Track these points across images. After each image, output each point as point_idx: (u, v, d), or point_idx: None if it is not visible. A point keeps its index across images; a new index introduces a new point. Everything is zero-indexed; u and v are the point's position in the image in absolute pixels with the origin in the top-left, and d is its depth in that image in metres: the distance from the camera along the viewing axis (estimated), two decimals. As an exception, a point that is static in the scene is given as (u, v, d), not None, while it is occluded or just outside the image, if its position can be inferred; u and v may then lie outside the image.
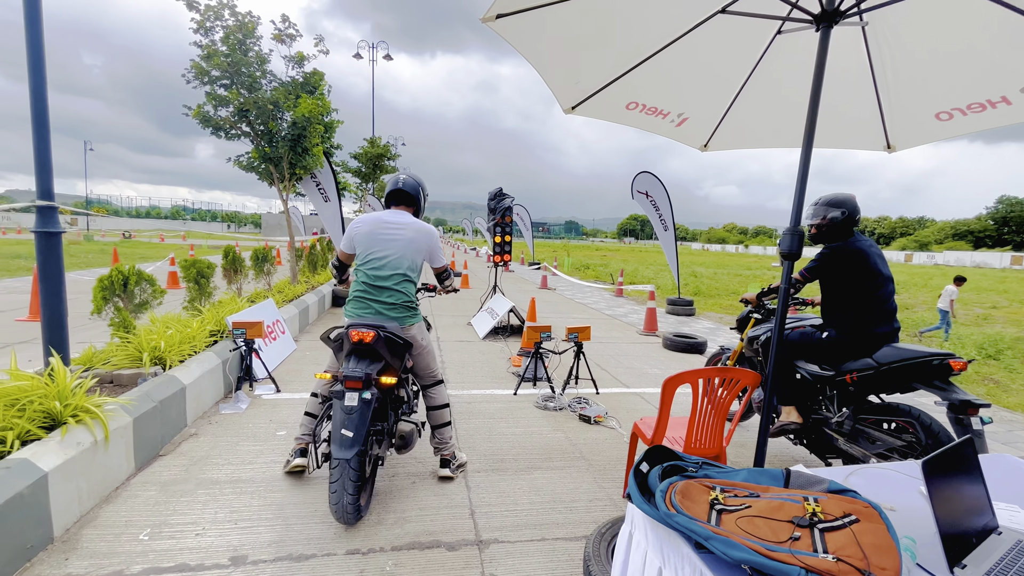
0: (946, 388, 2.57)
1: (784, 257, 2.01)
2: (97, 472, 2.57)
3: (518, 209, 22.18)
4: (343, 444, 2.27)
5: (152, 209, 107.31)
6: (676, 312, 10.30)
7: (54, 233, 2.94)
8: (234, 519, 2.49)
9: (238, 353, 4.35)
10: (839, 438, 2.94)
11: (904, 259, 56.25)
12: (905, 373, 2.68)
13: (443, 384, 3.08)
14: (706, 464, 1.48)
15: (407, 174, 3.01)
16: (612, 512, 2.72)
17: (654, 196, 10.16)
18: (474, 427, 3.82)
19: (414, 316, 2.83)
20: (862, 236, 2.94)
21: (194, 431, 3.50)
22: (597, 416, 4.04)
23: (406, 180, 2.96)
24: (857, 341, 2.87)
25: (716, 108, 3.12)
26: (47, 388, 2.52)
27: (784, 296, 2.02)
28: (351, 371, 2.41)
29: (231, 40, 7.64)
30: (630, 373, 5.63)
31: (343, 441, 2.28)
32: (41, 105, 2.90)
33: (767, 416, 2.11)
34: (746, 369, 2.33)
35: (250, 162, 8.58)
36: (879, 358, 2.78)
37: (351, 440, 2.28)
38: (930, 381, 2.63)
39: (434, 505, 2.70)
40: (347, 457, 2.25)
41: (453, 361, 5.73)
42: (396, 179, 2.98)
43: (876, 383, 2.80)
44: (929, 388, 2.62)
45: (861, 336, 2.86)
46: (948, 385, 2.59)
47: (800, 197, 2.02)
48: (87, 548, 2.22)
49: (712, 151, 3.48)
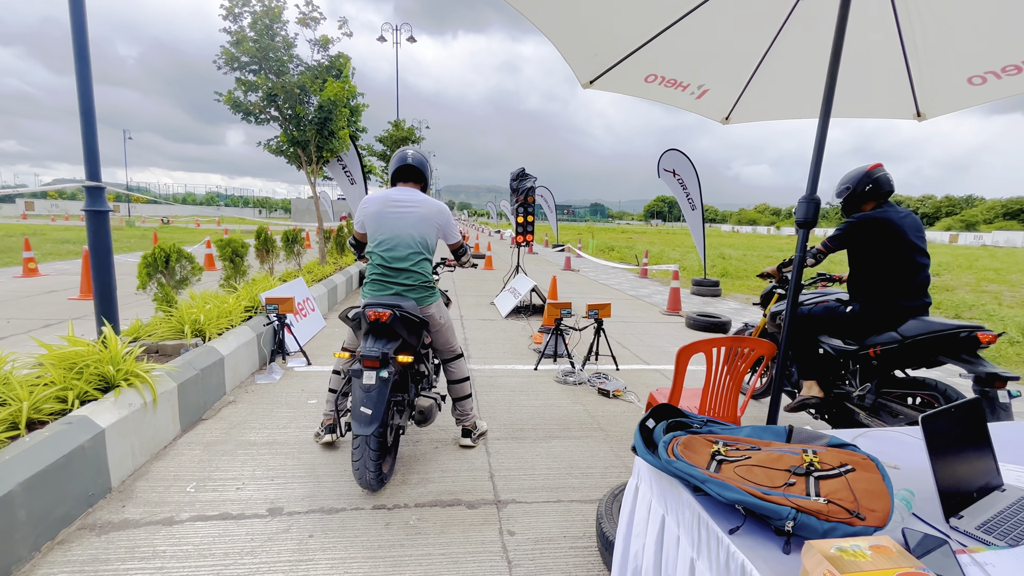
0: (973, 361, 2.52)
1: (799, 226, 2.01)
2: (147, 431, 2.79)
3: (542, 191, 22.06)
4: (362, 421, 2.34)
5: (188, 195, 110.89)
6: (701, 293, 10.18)
7: (102, 212, 3.15)
8: (271, 476, 2.67)
9: (271, 328, 4.57)
10: (860, 412, 2.92)
11: (949, 240, 53.54)
12: (931, 346, 2.62)
13: (463, 358, 3.12)
14: (711, 422, 1.54)
15: (413, 150, 2.96)
16: (625, 478, 2.80)
17: (682, 175, 9.98)
18: (495, 399, 3.94)
19: (432, 295, 2.84)
20: (894, 206, 2.85)
21: (232, 399, 3.72)
22: (616, 390, 4.11)
23: (414, 155, 2.92)
24: (882, 314, 2.82)
25: (737, 79, 3.07)
26: (101, 354, 2.74)
27: (799, 265, 2.03)
28: (368, 350, 2.44)
29: (258, 25, 7.81)
30: (651, 351, 5.65)
31: (362, 418, 2.34)
32: (87, 93, 3.08)
33: (780, 377, 2.13)
34: (762, 339, 2.35)
35: (279, 146, 8.81)
36: (904, 331, 2.73)
37: (369, 417, 2.34)
38: (957, 355, 2.57)
39: (455, 468, 2.83)
40: (366, 433, 2.32)
41: (476, 338, 5.86)
42: (403, 155, 2.92)
43: (901, 357, 2.75)
44: (956, 361, 2.57)
45: (887, 309, 2.80)
46: (975, 358, 2.53)
47: (816, 165, 2.01)
48: (140, 498, 2.44)
49: (734, 123, 3.43)
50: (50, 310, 6.67)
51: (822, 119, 2.01)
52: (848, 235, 2.86)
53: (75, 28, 3.01)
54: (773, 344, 2.37)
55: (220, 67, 7.81)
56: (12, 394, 2.34)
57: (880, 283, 2.84)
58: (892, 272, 2.79)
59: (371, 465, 2.41)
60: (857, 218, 2.84)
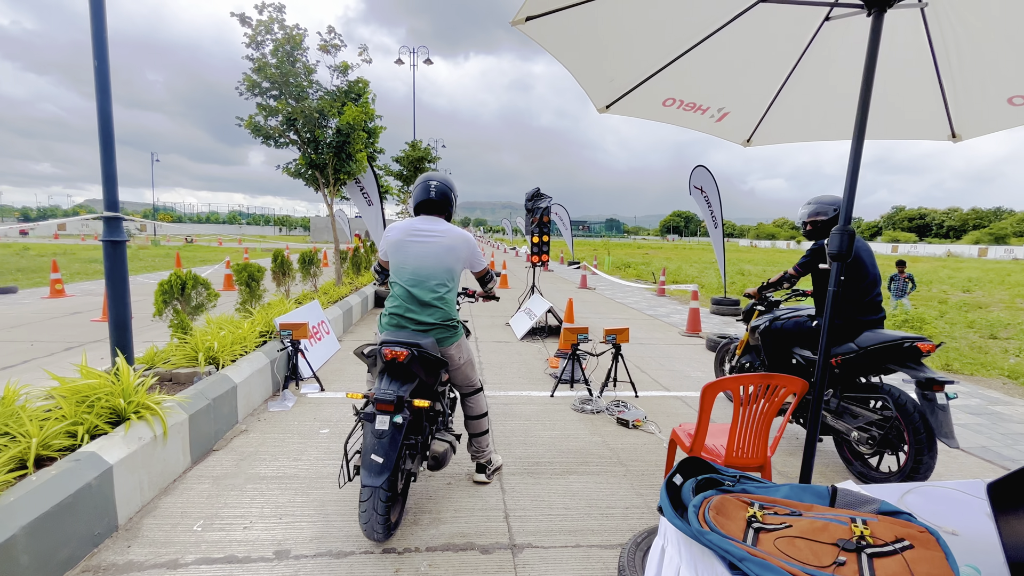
0: (916, 368, 2.89)
1: (833, 258, 1.89)
2: (157, 465, 2.74)
3: (556, 208, 22.06)
4: (373, 470, 2.16)
5: (211, 214, 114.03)
6: (721, 312, 9.95)
7: (119, 242, 3.16)
8: (279, 513, 2.59)
9: (285, 353, 4.55)
10: (827, 415, 3.28)
11: (977, 254, 51.90)
12: (881, 355, 3.00)
13: (482, 392, 2.99)
14: (744, 478, 1.42)
15: (437, 179, 2.79)
16: (649, 520, 2.65)
17: (708, 192, 9.86)
18: (510, 429, 3.83)
19: (454, 335, 2.69)
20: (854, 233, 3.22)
21: (244, 427, 3.68)
22: (635, 420, 3.96)
23: (437, 187, 2.75)
24: (843, 328, 3.15)
25: (759, 101, 2.98)
26: (113, 386, 2.71)
27: (833, 301, 1.90)
28: (383, 393, 2.27)
29: (280, 53, 8.00)
30: (671, 376, 5.48)
31: (373, 467, 2.17)
32: (107, 121, 3.12)
33: (814, 428, 1.99)
34: (793, 376, 2.21)
35: (297, 168, 8.95)
36: (860, 342, 3.08)
37: (380, 467, 2.16)
38: (903, 362, 2.95)
39: (469, 507, 2.72)
40: (376, 485, 2.14)
41: (491, 362, 5.76)
42: (426, 186, 2.75)
43: (859, 365, 3.12)
44: (902, 368, 2.94)
45: (847, 323, 3.14)
46: (919, 365, 2.92)
47: (851, 193, 1.89)
48: (146, 537, 2.38)
49: (756, 146, 3.33)
50: (73, 332, 6.78)
51: (855, 144, 1.91)
52: (814, 260, 3.28)
53: (97, 59, 3.07)
54: (804, 381, 2.23)
55: (242, 93, 8.01)
56: (22, 429, 2.31)
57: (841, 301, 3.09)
58: (852, 292, 3.14)
59: (379, 517, 2.22)
60: (820, 245, 3.24)
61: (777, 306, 4.03)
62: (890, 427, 2.91)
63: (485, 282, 3.10)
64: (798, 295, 4.10)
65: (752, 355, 4.20)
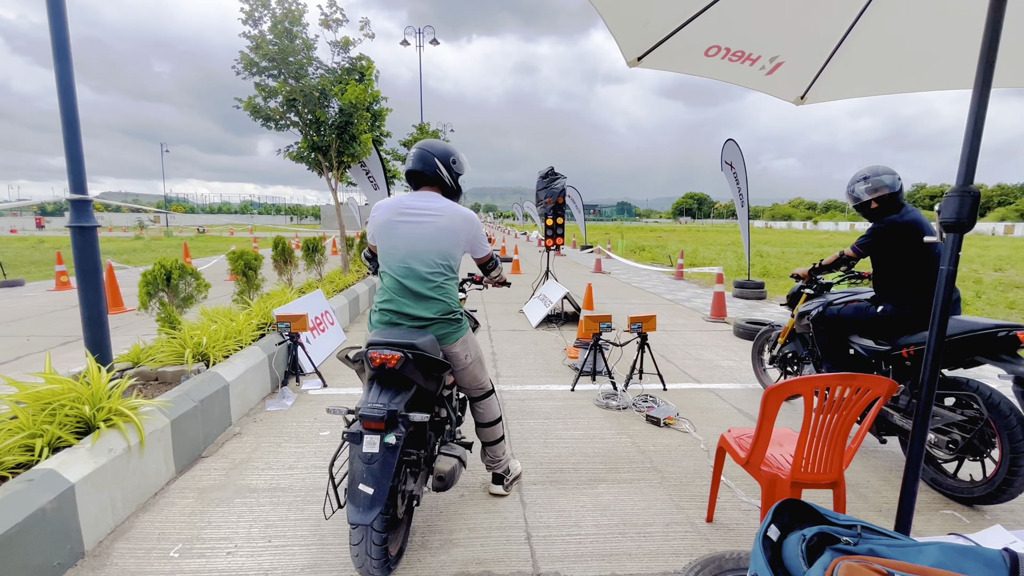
0: (1012, 361, 2.43)
1: (949, 228, 1.46)
2: (132, 479, 2.43)
3: (570, 191, 21.49)
4: (361, 504, 1.73)
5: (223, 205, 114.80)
6: (745, 295, 9.46)
7: (88, 228, 2.83)
8: (268, 535, 2.27)
9: (284, 347, 4.23)
10: (894, 414, 2.90)
11: (1004, 231, 50.16)
12: (968, 346, 2.56)
13: (494, 395, 2.59)
14: (867, 530, 1.03)
15: (426, 144, 2.33)
16: (693, 540, 2.28)
17: (737, 168, 9.28)
18: (529, 429, 3.47)
19: (458, 330, 2.29)
20: (911, 208, 2.89)
21: (238, 430, 3.37)
22: (667, 418, 3.57)
23: (420, 153, 2.30)
24: (915, 314, 2.81)
25: (821, 48, 2.52)
26: (79, 392, 2.39)
27: (948, 281, 1.48)
28: (371, 408, 1.85)
29: (278, 28, 7.57)
30: (699, 365, 5.07)
31: (361, 500, 1.73)
32: (69, 99, 2.76)
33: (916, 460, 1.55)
34: (879, 377, 1.80)
35: (299, 152, 8.58)
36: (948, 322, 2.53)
37: (371, 500, 1.73)
38: (995, 355, 2.50)
39: (485, 525, 2.37)
40: (365, 523, 1.71)
41: (505, 353, 5.40)
42: (412, 153, 2.32)
43: None
44: (994, 362, 2.49)
45: (919, 309, 2.80)
46: (1015, 358, 2.45)
47: (974, 145, 1.46)
48: (116, 566, 2.07)
49: (810, 104, 2.87)
50: (73, 326, 6.56)
51: (981, 85, 1.46)
52: (878, 240, 2.89)
53: (54, 29, 2.70)
54: (893, 382, 1.82)
55: (239, 72, 7.62)
56: (-31, 444, 2.00)
57: (910, 284, 2.84)
58: (923, 272, 2.79)
59: (375, 551, 1.84)
60: (885, 223, 2.86)
61: (828, 289, 3.59)
62: (976, 430, 2.49)
63: (488, 270, 2.69)
64: (853, 278, 3.63)
65: (796, 343, 3.78)
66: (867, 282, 3.72)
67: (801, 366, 3.77)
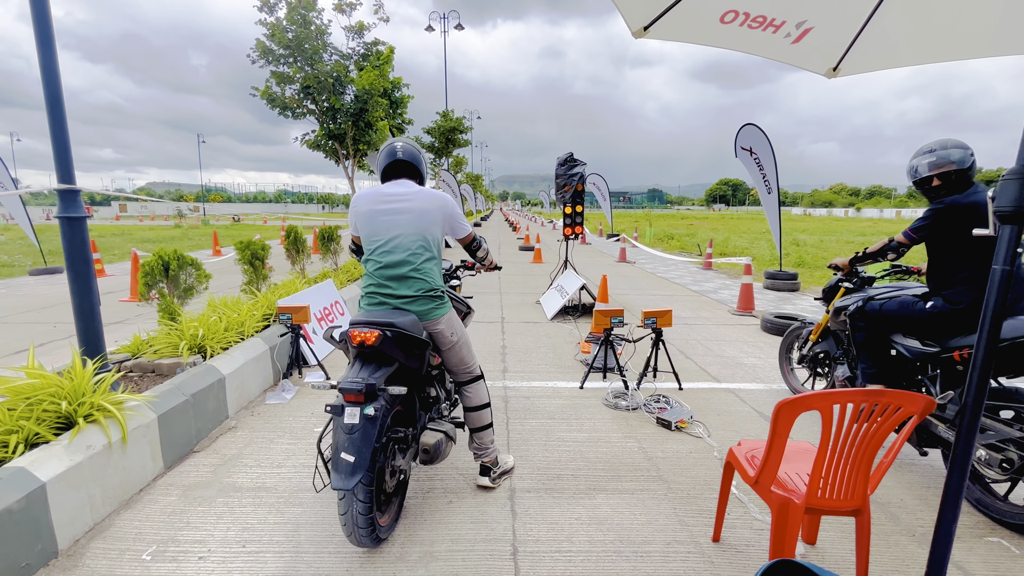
0: None
1: (1005, 220, 1.18)
2: (114, 476, 2.38)
3: (595, 179, 20.97)
4: (343, 471, 1.83)
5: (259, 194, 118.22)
6: (776, 287, 8.97)
7: (77, 218, 2.78)
8: (243, 539, 2.18)
9: (287, 339, 4.17)
10: (939, 425, 2.57)
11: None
12: None
13: (482, 380, 2.59)
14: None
15: (404, 141, 2.46)
16: (696, 564, 2.07)
17: (759, 153, 8.76)
18: (530, 429, 3.30)
19: (440, 306, 2.34)
20: (981, 187, 2.53)
21: (234, 424, 3.32)
22: (679, 421, 3.33)
23: (404, 147, 2.41)
24: (970, 311, 2.46)
25: (855, 10, 2.20)
26: (59, 387, 2.35)
27: (1001, 282, 1.21)
28: (350, 382, 1.94)
29: (293, 15, 7.50)
30: (721, 363, 4.77)
31: (343, 467, 1.83)
32: (54, 88, 2.69)
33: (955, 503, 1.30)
34: (913, 393, 1.54)
35: (316, 140, 8.55)
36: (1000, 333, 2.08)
37: (351, 466, 1.82)
38: None
39: (469, 538, 2.22)
40: (347, 488, 1.80)
41: (515, 346, 5.23)
42: (392, 149, 2.41)
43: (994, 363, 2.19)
44: None
45: (976, 305, 2.43)
46: None
47: (1041, 114, 1.18)
48: (88, 567, 2.01)
49: (844, 75, 2.54)
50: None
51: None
52: (936, 223, 2.53)
53: (37, 17, 2.62)
54: (929, 399, 1.55)
55: (254, 60, 7.60)
56: (-58, 440, 1.97)
57: (968, 276, 2.48)
58: (984, 264, 2.41)
59: (361, 520, 1.92)
60: (945, 203, 2.49)
61: (871, 283, 3.22)
62: None
63: (473, 250, 2.73)
64: (900, 272, 3.27)
65: (830, 342, 3.45)
66: (916, 278, 3.35)
67: (834, 367, 3.44)
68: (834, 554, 2.14)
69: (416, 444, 2.32)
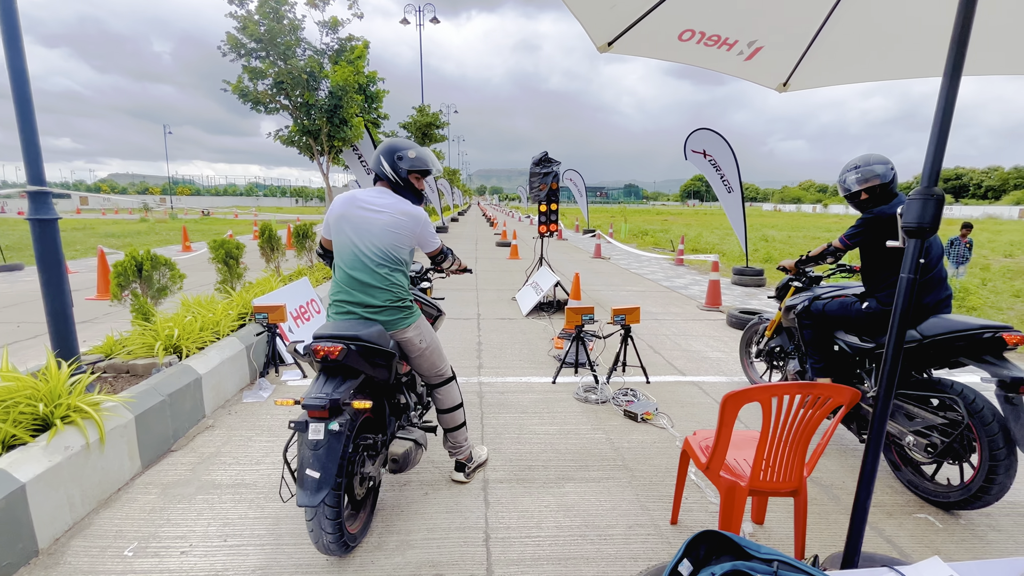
0: (997, 364, 2.34)
1: (911, 234, 1.36)
2: (92, 476, 2.41)
3: (571, 175, 21.19)
4: (309, 487, 1.81)
5: (229, 187, 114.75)
6: (743, 283, 9.33)
7: (48, 220, 2.77)
8: (224, 534, 2.25)
9: (263, 337, 4.20)
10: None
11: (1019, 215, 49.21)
12: (952, 347, 2.47)
13: (454, 381, 2.66)
14: (786, 566, 0.97)
15: (385, 141, 2.46)
16: (655, 544, 2.24)
17: (714, 155, 9.07)
18: (503, 423, 3.43)
19: (407, 316, 2.38)
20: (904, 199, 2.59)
21: (211, 422, 3.35)
22: (645, 413, 3.52)
23: (375, 152, 2.44)
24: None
25: (801, 32, 2.37)
26: (34, 389, 2.37)
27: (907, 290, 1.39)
28: (313, 397, 1.93)
29: (265, 8, 7.40)
30: (687, 357, 5.00)
31: (309, 483, 1.82)
32: (23, 89, 2.67)
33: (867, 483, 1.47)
34: (842, 386, 1.72)
35: (290, 136, 8.47)
36: (924, 330, 2.56)
37: (317, 483, 1.81)
38: (979, 356, 2.41)
39: (444, 526, 2.34)
40: (311, 504, 1.80)
41: (491, 343, 5.35)
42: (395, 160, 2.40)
43: (920, 357, 2.60)
44: (978, 363, 2.40)
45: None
46: (1000, 361, 2.36)
47: (940, 144, 1.35)
48: (69, 564, 2.06)
49: (793, 91, 2.73)
50: (63, 312, 6.57)
51: (949, 80, 1.35)
52: (866, 232, 2.76)
53: (4, 14, 2.60)
54: (855, 391, 1.74)
55: (225, 54, 7.48)
56: (-83, 444, 1.98)
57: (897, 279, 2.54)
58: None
59: (328, 526, 1.93)
60: (873, 214, 2.72)
61: (818, 283, 3.48)
62: (957, 434, 2.39)
63: (439, 263, 2.76)
64: (844, 271, 3.51)
65: (783, 337, 3.69)
66: (858, 276, 3.63)
67: (787, 361, 3.69)
68: (779, 532, 2.34)
69: (386, 451, 2.33)
